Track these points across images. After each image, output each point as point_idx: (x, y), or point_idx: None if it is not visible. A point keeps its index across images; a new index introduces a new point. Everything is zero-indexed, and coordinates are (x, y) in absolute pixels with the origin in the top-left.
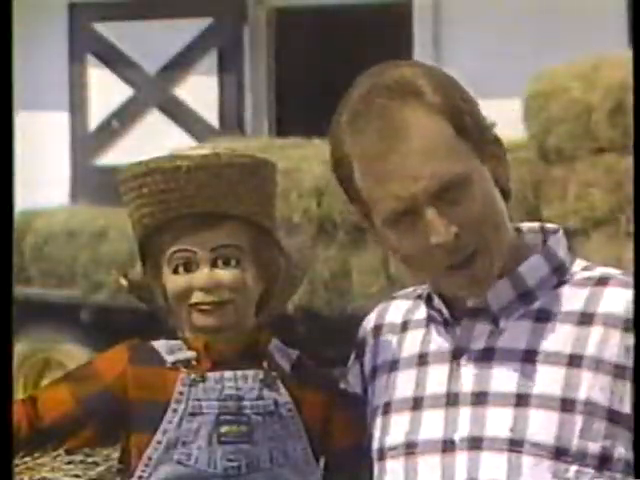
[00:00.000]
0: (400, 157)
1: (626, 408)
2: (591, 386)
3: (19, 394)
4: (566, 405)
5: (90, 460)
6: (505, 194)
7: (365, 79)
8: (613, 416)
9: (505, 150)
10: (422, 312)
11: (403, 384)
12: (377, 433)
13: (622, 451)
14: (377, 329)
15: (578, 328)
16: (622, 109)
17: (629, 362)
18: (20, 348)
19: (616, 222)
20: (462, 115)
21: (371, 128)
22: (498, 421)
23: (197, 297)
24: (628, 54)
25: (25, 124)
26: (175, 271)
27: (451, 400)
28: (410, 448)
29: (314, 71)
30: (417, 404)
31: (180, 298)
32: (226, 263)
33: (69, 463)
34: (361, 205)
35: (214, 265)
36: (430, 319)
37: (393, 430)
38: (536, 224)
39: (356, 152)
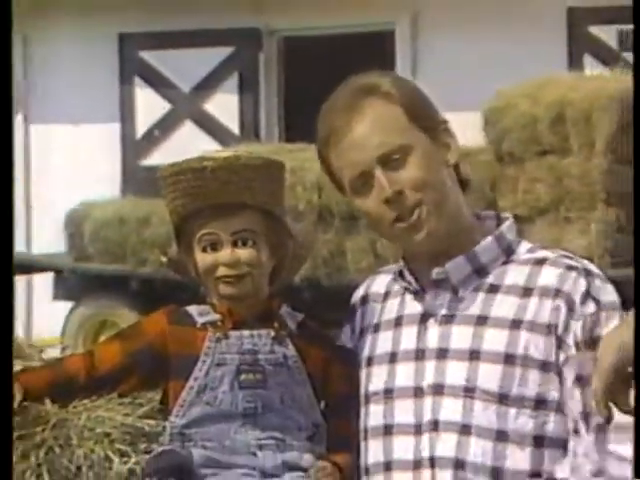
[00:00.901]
0: (356, 132)
1: (553, 358)
2: (527, 344)
3: (80, 349)
4: (508, 359)
5: (137, 402)
6: (463, 183)
7: (342, 86)
8: (545, 367)
9: (456, 140)
10: (398, 285)
11: (383, 342)
12: (363, 382)
13: (554, 394)
14: (364, 298)
15: (520, 299)
16: (561, 120)
17: (557, 321)
18: (82, 312)
19: (556, 211)
20: (415, 106)
21: (339, 116)
22: (456, 372)
23: (222, 271)
24: (565, 76)
25: (84, 134)
26: (204, 250)
27: (419, 355)
28: (388, 394)
29: (316, 89)
30: (393, 358)
31: (208, 272)
32: (244, 244)
33: (120, 404)
34: (339, 183)
35: (234, 245)
36: (405, 290)
37: (375, 379)
38: (492, 212)
39: (330, 138)
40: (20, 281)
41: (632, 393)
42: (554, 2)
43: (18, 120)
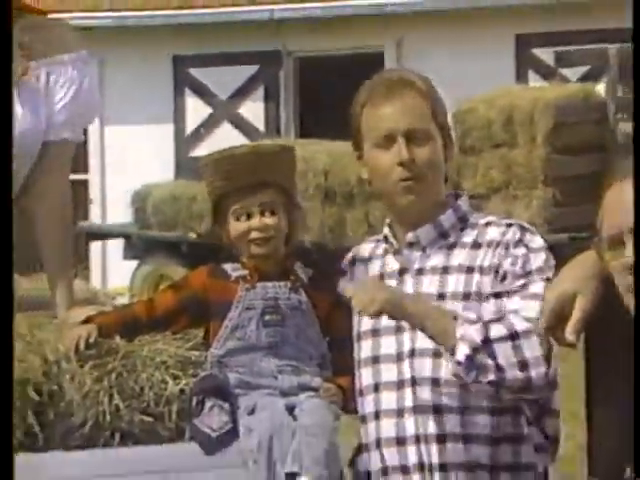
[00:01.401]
0: (390, 107)
1: (499, 288)
2: (479, 283)
3: (143, 297)
4: (465, 296)
5: (186, 337)
6: (445, 176)
7: (377, 76)
8: (495, 296)
9: (453, 142)
10: (380, 249)
11: None
12: (355, 323)
13: (511, 306)
14: (353, 261)
15: (472, 251)
16: (510, 121)
17: (499, 262)
18: (145, 268)
19: (506, 190)
20: (435, 103)
21: (380, 91)
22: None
23: (254, 235)
24: (514, 87)
25: (147, 132)
26: (237, 219)
27: None
28: (375, 332)
29: (324, 97)
30: None
31: (241, 237)
32: (270, 213)
33: (173, 339)
34: (359, 141)
35: (262, 215)
36: (385, 252)
37: (365, 321)
38: (452, 191)
39: (367, 102)
40: (96, 246)
41: (568, 330)
42: (505, 31)
43: (95, 123)
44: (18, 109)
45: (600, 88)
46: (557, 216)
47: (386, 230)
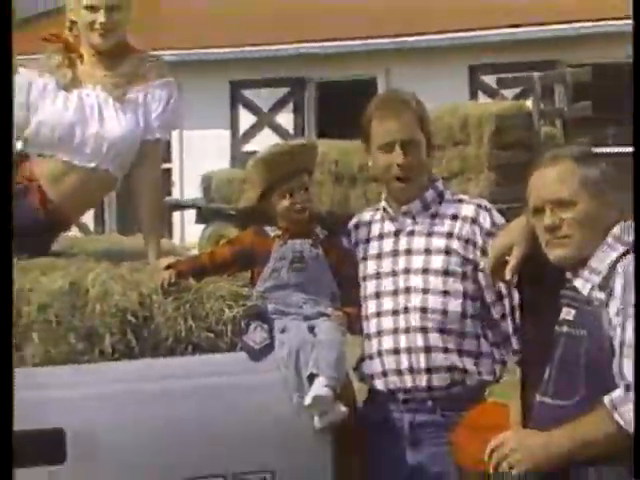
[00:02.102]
0: (392, 121)
1: (471, 255)
2: (457, 246)
3: (209, 250)
4: (446, 253)
5: (238, 278)
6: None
7: (382, 94)
8: (465, 259)
9: (433, 144)
10: (378, 216)
11: (373, 248)
12: (362, 269)
13: (469, 271)
14: (356, 225)
15: (450, 221)
16: (465, 125)
17: (470, 235)
18: (210, 230)
19: (462, 175)
20: (422, 117)
21: (385, 106)
22: (417, 261)
23: (295, 207)
24: (468, 102)
25: (212, 134)
26: (283, 197)
27: (395, 253)
28: (378, 275)
29: (335, 112)
30: (379, 255)
31: (287, 209)
32: (304, 191)
33: (229, 279)
34: (368, 144)
35: (298, 192)
36: (383, 218)
37: (369, 267)
38: (432, 176)
39: (375, 114)
40: (177, 214)
41: (507, 271)
42: (461, 63)
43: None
44: (123, 117)
45: (528, 103)
46: (497, 193)
47: (383, 203)
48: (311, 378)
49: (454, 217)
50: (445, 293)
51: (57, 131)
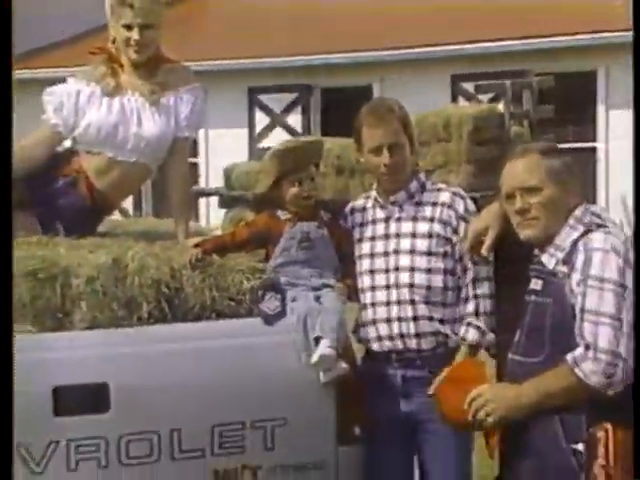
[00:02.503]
0: (379, 128)
1: (449, 235)
2: (438, 228)
3: (229, 230)
4: (430, 235)
5: (255, 255)
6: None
7: (370, 103)
8: (447, 239)
9: (415, 144)
10: (370, 203)
11: (367, 231)
12: (357, 249)
13: (449, 250)
14: (351, 210)
15: (431, 207)
16: (448, 125)
17: (449, 219)
18: (231, 214)
19: (445, 168)
20: (406, 122)
21: (372, 114)
22: (406, 243)
23: (304, 194)
24: (450, 106)
25: (233, 133)
26: (292, 185)
27: (386, 236)
28: (371, 255)
29: (336, 113)
30: (372, 238)
31: (295, 196)
32: (311, 181)
33: (247, 256)
34: (360, 146)
35: (305, 181)
36: (374, 206)
37: (364, 248)
38: (415, 169)
39: (364, 122)
40: (202, 200)
41: (483, 249)
42: (444, 72)
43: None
44: (157, 119)
45: (500, 106)
46: (475, 183)
47: (374, 193)
48: (317, 340)
49: (434, 204)
50: (429, 270)
51: (102, 131)
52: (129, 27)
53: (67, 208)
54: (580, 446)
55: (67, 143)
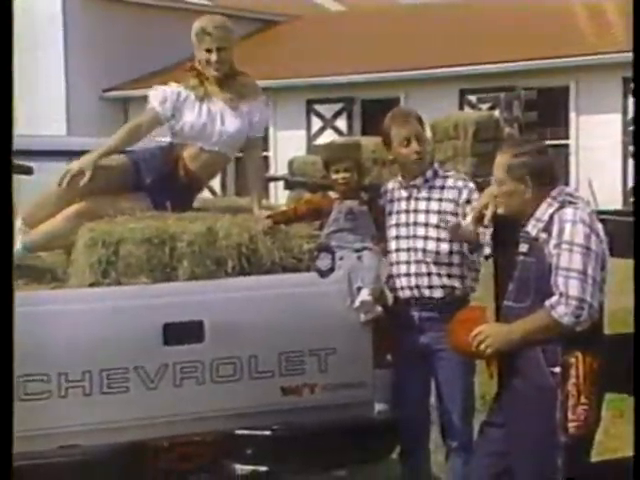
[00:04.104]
0: (405, 126)
1: (455, 211)
2: (447, 206)
3: (292, 206)
4: (440, 213)
5: (312, 225)
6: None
7: (394, 111)
8: (455, 214)
9: (428, 140)
10: (397, 185)
11: (394, 207)
12: (387, 221)
13: (457, 225)
14: (385, 191)
15: (441, 190)
16: (457, 127)
17: (457, 199)
18: (293, 194)
19: (454, 160)
20: (421, 123)
21: (398, 117)
22: (422, 218)
23: (341, 181)
24: (457, 112)
25: (295, 136)
26: (337, 172)
27: (407, 211)
28: (396, 226)
29: (372, 118)
30: (398, 213)
31: (337, 181)
32: (349, 169)
33: (307, 226)
34: (388, 144)
35: (345, 170)
36: (399, 188)
37: (392, 220)
38: (431, 160)
39: (393, 123)
40: (272, 184)
41: (485, 221)
42: (454, 87)
43: (270, 128)
44: (235, 120)
45: (496, 113)
46: (477, 171)
47: (399, 178)
48: (359, 289)
49: (443, 187)
50: (438, 239)
51: (195, 128)
52: (209, 50)
53: (171, 187)
54: (557, 369)
55: (168, 137)
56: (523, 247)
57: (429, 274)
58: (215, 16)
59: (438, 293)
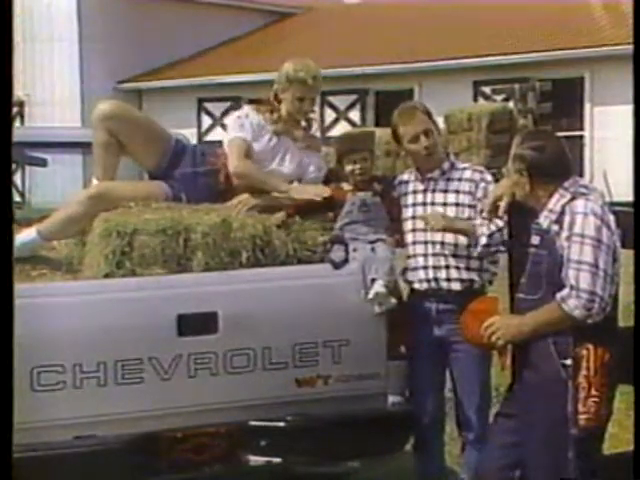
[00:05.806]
0: (414, 121)
1: (472, 202)
2: (463, 199)
3: None
4: (457, 205)
5: (327, 216)
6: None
7: (399, 108)
8: (472, 207)
9: (440, 131)
10: (413, 177)
11: (410, 199)
12: (403, 213)
13: (473, 215)
14: (399, 183)
15: (458, 182)
16: (471, 119)
17: (472, 190)
18: None
19: (469, 151)
20: (430, 116)
21: (406, 113)
22: (439, 209)
23: (358, 172)
24: (471, 104)
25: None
26: (354, 163)
27: (424, 203)
28: (413, 217)
29: (385, 109)
30: (414, 205)
31: (352, 172)
32: (363, 160)
33: (320, 222)
34: (398, 141)
35: (360, 161)
36: (415, 180)
37: (408, 212)
38: (447, 151)
39: (400, 119)
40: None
41: (499, 211)
42: (468, 78)
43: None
44: (293, 165)
45: (510, 104)
46: (491, 162)
47: (414, 170)
48: (372, 281)
49: (460, 179)
50: (455, 232)
51: (259, 155)
52: (301, 100)
53: (202, 184)
54: (568, 361)
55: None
56: (535, 239)
57: (447, 267)
58: (309, 62)
59: (456, 286)
